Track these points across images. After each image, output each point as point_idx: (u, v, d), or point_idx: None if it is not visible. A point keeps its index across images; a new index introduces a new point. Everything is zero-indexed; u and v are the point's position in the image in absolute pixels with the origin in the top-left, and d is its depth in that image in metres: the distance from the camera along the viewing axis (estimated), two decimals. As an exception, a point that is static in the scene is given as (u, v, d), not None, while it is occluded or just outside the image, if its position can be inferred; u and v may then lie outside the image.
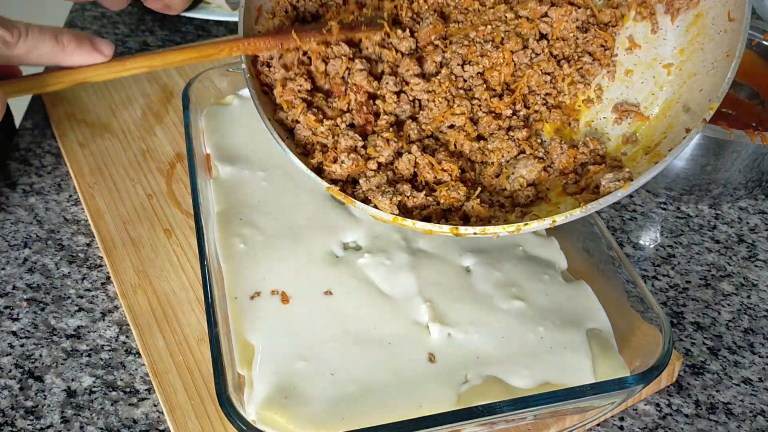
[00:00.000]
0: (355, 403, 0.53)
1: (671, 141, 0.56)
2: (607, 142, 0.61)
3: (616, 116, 0.61)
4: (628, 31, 0.61)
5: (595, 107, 0.62)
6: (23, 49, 0.45)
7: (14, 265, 0.72)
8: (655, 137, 0.58)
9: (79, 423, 0.60)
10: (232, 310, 0.59)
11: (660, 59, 0.60)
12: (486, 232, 0.52)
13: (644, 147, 0.59)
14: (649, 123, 0.60)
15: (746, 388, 0.65)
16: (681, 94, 0.58)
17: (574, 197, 0.56)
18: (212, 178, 0.71)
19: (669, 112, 0.59)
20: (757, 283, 0.75)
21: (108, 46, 0.49)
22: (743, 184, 0.82)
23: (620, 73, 0.62)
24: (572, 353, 0.57)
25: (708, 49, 0.57)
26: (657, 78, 0.60)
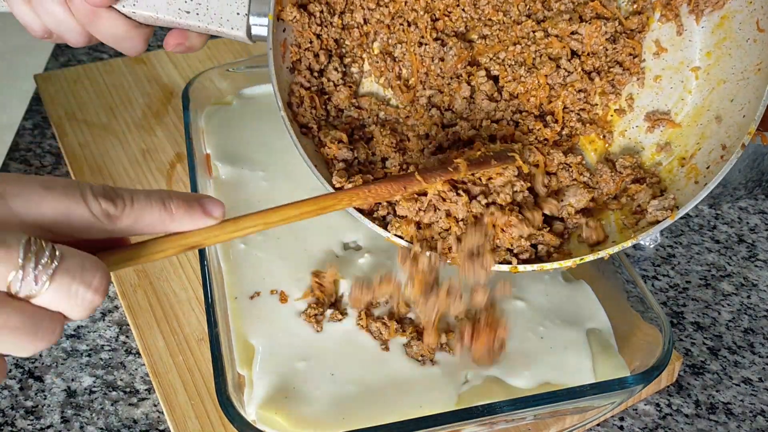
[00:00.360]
0: (355, 403, 0.53)
1: (706, 155, 0.56)
2: (642, 151, 0.61)
3: (649, 125, 0.61)
4: (654, 34, 0.61)
5: (627, 116, 0.62)
6: (129, 221, 0.41)
7: (14, 265, 0.72)
8: (688, 147, 0.58)
9: (79, 423, 0.60)
10: (232, 310, 0.59)
11: (687, 62, 0.60)
12: (543, 268, 0.54)
13: (679, 157, 0.59)
14: (681, 130, 0.59)
15: (746, 388, 0.65)
16: (711, 101, 0.58)
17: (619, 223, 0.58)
18: (212, 178, 0.71)
19: (700, 119, 0.58)
20: (757, 283, 0.75)
21: (218, 207, 0.45)
22: (743, 184, 0.81)
23: (649, 79, 0.61)
24: (572, 353, 0.57)
25: (736, 56, 0.56)
26: (685, 82, 0.60)
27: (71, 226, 0.39)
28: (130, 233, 0.42)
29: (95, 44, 0.58)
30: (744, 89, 0.55)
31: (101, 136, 0.86)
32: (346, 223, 0.67)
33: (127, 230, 0.42)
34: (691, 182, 0.56)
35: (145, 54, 0.99)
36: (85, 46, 0.84)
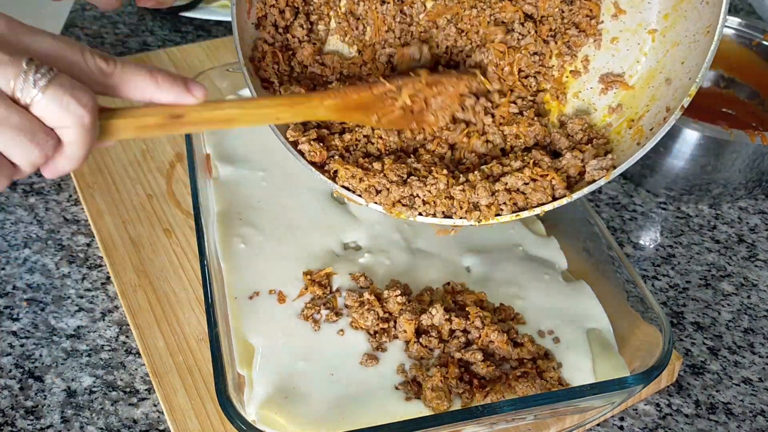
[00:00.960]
0: (355, 402, 0.53)
1: (653, 117, 0.57)
2: (594, 112, 0.62)
3: (603, 86, 0.61)
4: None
5: (582, 78, 0.62)
6: (118, 80, 0.47)
7: (14, 265, 0.72)
8: (638, 109, 0.59)
9: (79, 423, 0.60)
10: (232, 309, 0.59)
11: (645, 24, 0.60)
12: (482, 223, 0.56)
13: (628, 119, 0.59)
14: (633, 92, 0.60)
15: (746, 388, 0.65)
16: (664, 64, 0.58)
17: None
18: (212, 178, 0.71)
19: (652, 82, 0.59)
20: (757, 283, 0.75)
21: (200, 89, 0.49)
22: (743, 184, 0.81)
23: (606, 41, 0.62)
24: (572, 353, 0.57)
25: (691, 18, 0.57)
26: (642, 45, 0.60)
27: (70, 72, 0.44)
28: (119, 93, 0.47)
29: (95, 44, 0.59)
30: (694, 51, 0.55)
31: (101, 136, 0.86)
32: (346, 223, 0.67)
33: (116, 89, 0.47)
34: (634, 144, 0.57)
35: (145, 54, 0.99)
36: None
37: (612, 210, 0.83)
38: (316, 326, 0.58)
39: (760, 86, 0.92)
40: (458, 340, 0.56)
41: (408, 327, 0.56)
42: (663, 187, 0.84)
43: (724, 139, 0.76)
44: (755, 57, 0.91)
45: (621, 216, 0.82)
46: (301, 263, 0.63)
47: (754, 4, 1.19)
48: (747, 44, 0.92)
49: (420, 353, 0.56)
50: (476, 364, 0.54)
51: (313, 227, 0.66)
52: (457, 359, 0.55)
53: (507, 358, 0.56)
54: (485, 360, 0.54)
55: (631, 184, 0.87)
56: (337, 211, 0.68)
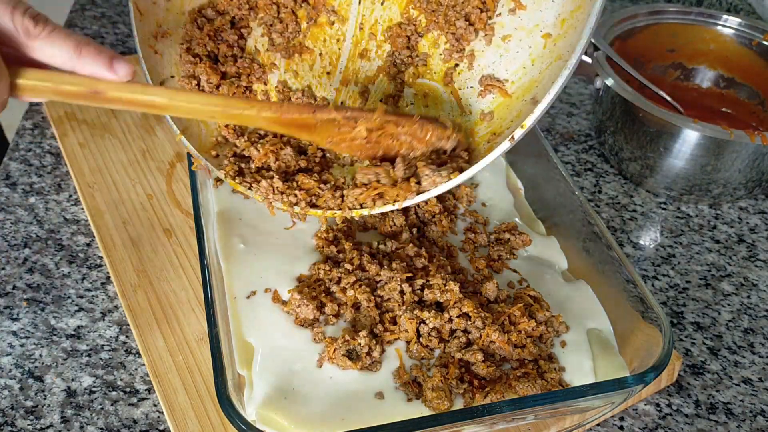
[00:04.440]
0: (355, 403, 0.53)
1: (506, 135, 0.54)
2: (468, 115, 0.60)
3: (481, 89, 0.59)
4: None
5: (465, 74, 0.60)
6: (42, 43, 0.47)
7: (14, 265, 0.72)
8: (505, 123, 0.57)
9: (79, 423, 0.60)
10: (231, 310, 0.59)
11: (542, 26, 0.57)
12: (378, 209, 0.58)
13: (493, 131, 0.57)
14: (509, 102, 0.57)
15: (746, 388, 0.65)
16: (542, 78, 0.55)
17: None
18: (212, 178, 0.71)
19: (526, 95, 0.56)
20: (757, 283, 0.75)
21: (125, 67, 0.49)
22: (743, 184, 0.81)
23: (497, 38, 0.59)
24: (573, 353, 0.57)
25: (577, 33, 0.52)
26: (533, 49, 0.57)
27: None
28: (38, 57, 0.48)
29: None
30: (563, 73, 0.51)
31: (101, 136, 0.86)
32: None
33: (36, 51, 0.47)
34: (474, 162, 0.55)
35: (145, 54, 0.99)
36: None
37: (612, 210, 0.83)
38: (311, 331, 0.58)
39: (760, 86, 0.92)
40: (459, 340, 0.56)
41: (409, 326, 0.56)
42: (663, 187, 0.84)
43: (724, 139, 0.76)
44: (755, 57, 0.91)
45: (621, 216, 0.82)
46: (298, 263, 0.63)
47: (754, 4, 1.19)
48: (747, 44, 0.92)
49: (421, 353, 0.56)
50: (477, 364, 0.54)
51: (311, 228, 0.66)
52: (457, 359, 0.55)
53: (507, 359, 0.56)
54: (485, 360, 0.54)
55: (631, 184, 0.87)
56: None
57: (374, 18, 0.65)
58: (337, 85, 0.67)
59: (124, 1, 1.18)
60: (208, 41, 0.66)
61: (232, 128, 0.65)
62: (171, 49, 0.66)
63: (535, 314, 0.58)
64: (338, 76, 0.67)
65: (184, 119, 0.64)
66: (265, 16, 0.67)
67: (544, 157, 0.71)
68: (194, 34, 0.66)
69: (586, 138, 0.94)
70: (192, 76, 0.65)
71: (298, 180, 0.62)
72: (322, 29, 0.67)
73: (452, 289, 0.57)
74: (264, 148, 0.63)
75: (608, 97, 0.85)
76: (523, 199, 0.74)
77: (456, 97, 0.62)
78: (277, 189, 0.61)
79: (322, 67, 0.67)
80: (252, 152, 0.64)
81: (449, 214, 0.68)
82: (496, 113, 0.58)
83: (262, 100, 0.54)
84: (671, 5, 0.94)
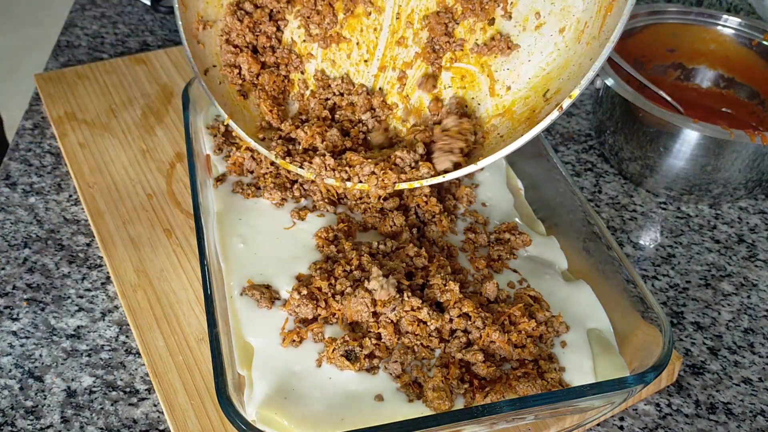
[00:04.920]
0: (355, 403, 0.53)
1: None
2: (505, 95, 0.65)
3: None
4: None
5: (500, 57, 0.66)
6: None
7: (14, 265, 0.72)
8: (540, 101, 0.62)
9: (79, 423, 0.60)
10: (231, 309, 0.59)
11: (573, 11, 0.62)
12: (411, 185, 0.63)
13: (532, 108, 0.63)
14: (546, 81, 0.63)
15: (746, 388, 0.65)
16: (578, 57, 0.60)
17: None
18: (212, 178, 0.71)
19: (562, 74, 0.62)
20: (757, 283, 0.75)
21: None
22: (743, 184, 0.81)
23: (531, 24, 0.64)
24: (573, 353, 0.57)
25: (610, 18, 0.58)
26: (566, 33, 0.62)
27: None
28: None
29: (95, 44, 0.59)
30: (574, 79, 0.58)
31: (101, 136, 0.86)
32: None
33: None
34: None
35: (145, 54, 0.99)
36: (86, 46, 0.84)
37: (612, 210, 0.83)
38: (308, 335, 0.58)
39: (760, 86, 0.92)
40: (459, 340, 0.56)
41: (411, 327, 0.56)
42: (663, 187, 0.84)
43: (724, 139, 0.76)
44: (755, 57, 0.91)
45: (621, 216, 0.82)
46: (298, 263, 0.63)
47: (754, 4, 1.19)
48: (747, 44, 0.92)
49: (422, 353, 0.56)
50: (477, 364, 0.54)
51: (311, 228, 0.66)
52: (458, 360, 0.55)
53: (508, 359, 0.56)
54: (486, 360, 0.54)
55: (631, 184, 0.87)
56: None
57: (410, 7, 0.67)
58: (375, 72, 0.70)
59: (124, 1, 1.18)
60: (247, 32, 0.69)
61: (276, 114, 0.69)
62: (212, 39, 0.69)
63: (535, 314, 0.58)
64: (376, 63, 0.70)
65: (229, 105, 0.68)
66: (302, 8, 0.69)
67: (544, 157, 0.71)
68: (234, 26, 0.69)
69: (586, 138, 0.94)
70: (233, 65, 0.69)
71: (346, 157, 0.65)
72: (358, 20, 0.69)
73: (452, 289, 0.57)
74: (311, 130, 0.66)
75: (608, 97, 0.85)
76: (523, 199, 0.74)
77: (492, 79, 0.66)
78: (329, 166, 0.64)
79: (360, 56, 0.70)
80: (299, 134, 0.67)
81: (449, 214, 0.69)
82: (533, 93, 0.63)
83: None
84: (671, 5, 0.94)
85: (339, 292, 0.59)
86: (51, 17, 0.95)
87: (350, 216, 0.67)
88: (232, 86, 0.70)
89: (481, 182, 0.74)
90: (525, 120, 0.62)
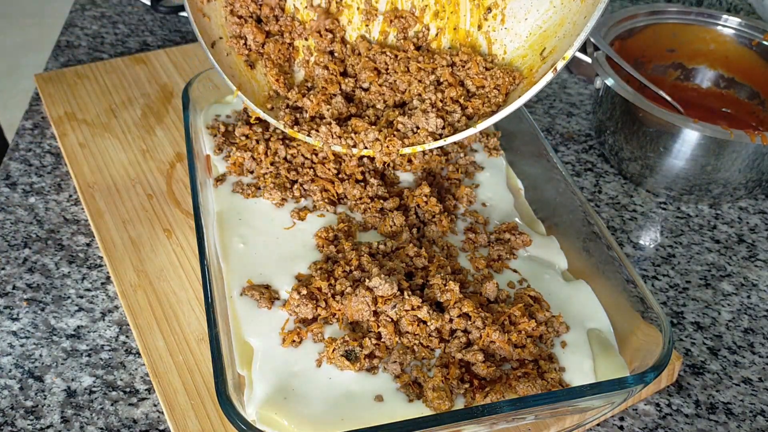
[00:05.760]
0: (354, 403, 0.53)
1: (543, 71, 0.63)
2: (504, 55, 0.69)
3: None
4: None
5: (498, 19, 0.69)
6: None
7: (14, 265, 0.72)
8: (537, 57, 0.65)
9: (79, 423, 0.60)
10: (231, 310, 0.59)
11: None
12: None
13: (530, 66, 0.66)
14: (542, 40, 0.65)
15: (746, 388, 0.65)
16: (573, 14, 0.63)
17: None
18: (212, 178, 0.71)
19: (559, 31, 0.64)
20: (757, 283, 0.75)
21: None
22: (743, 184, 0.81)
23: None
24: (573, 353, 0.57)
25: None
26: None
27: None
28: None
29: (95, 44, 0.59)
30: (569, 36, 0.61)
31: (101, 136, 0.86)
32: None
33: None
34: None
35: (144, 54, 0.99)
36: (86, 46, 0.83)
37: (612, 210, 0.83)
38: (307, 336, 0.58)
39: (760, 86, 0.92)
40: (459, 340, 0.56)
41: (411, 327, 0.56)
42: (663, 187, 0.84)
43: (724, 139, 0.76)
44: (755, 57, 0.91)
45: (621, 216, 0.82)
46: (298, 263, 0.63)
47: (754, 4, 1.19)
48: (747, 44, 0.92)
49: (421, 353, 0.56)
50: (477, 364, 0.54)
51: (311, 228, 0.66)
52: (458, 360, 0.55)
53: (508, 359, 0.56)
54: (486, 360, 0.54)
55: (631, 184, 0.87)
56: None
57: None
58: (377, 36, 0.73)
59: (124, 1, 1.18)
60: (250, 3, 0.72)
61: (282, 82, 0.71)
62: (217, 12, 0.71)
63: (535, 314, 0.58)
64: (377, 27, 0.73)
65: (238, 76, 0.70)
66: None
67: (544, 157, 0.71)
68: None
69: (586, 138, 0.94)
70: (239, 36, 0.71)
71: (351, 124, 0.67)
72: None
73: (452, 289, 0.57)
74: (316, 98, 0.68)
75: (608, 97, 0.85)
76: (523, 199, 0.74)
77: (488, 40, 0.69)
78: (335, 134, 0.67)
79: (361, 21, 0.73)
80: (305, 103, 0.69)
81: (449, 214, 0.69)
82: (529, 53, 0.66)
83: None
84: (671, 5, 0.94)
85: (339, 292, 0.59)
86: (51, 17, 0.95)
87: (350, 216, 0.67)
88: (239, 57, 0.71)
89: (482, 182, 0.74)
90: (523, 79, 0.66)
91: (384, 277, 0.57)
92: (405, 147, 0.66)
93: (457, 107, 0.67)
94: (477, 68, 0.68)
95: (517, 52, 0.67)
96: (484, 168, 0.75)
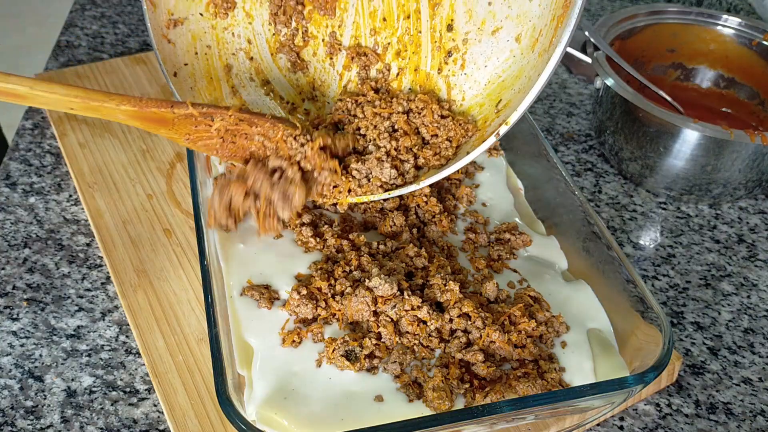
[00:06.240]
0: (354, 403, 0.53)
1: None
2: (463, 101, 0.67)
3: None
4: None
5: (458, 64, 0.67)
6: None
7: (14, 265, 0.72)
8: (492, 111, 0.63)
9: (79, 423, 0.60)
10: (231, 310, 0.59)
11: (530, 17, 0.62)
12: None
13: (484, 118, 0.64)
14: (500, 89, 0.64)
15: (746, 388, 0.65)
16: (530, 67, 0.60)
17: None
18: (212, 178, 0.71)
19: (515, 84, 0.62)
20: (757, 283, 0.75)
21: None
22: (743, 184, 0.82)
23: (488, 29, 0.65)
24: (573, 353, 0.57)
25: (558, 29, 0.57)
26: (520, 41, 0.63)
27: None
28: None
29: (95, 44, 0.59)
30: (520, 94, 0.59)
31: (101, 136, 0.86)
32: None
33: None
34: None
35: (144, 54, 0.99)
36: (86, 46, 0.83)
37: (612, 210, 0.83)
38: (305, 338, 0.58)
39: (760, 86, 0.92)
40: (459, 340, 0.56)
41: (411, 327, 0.56)
42: (663, 187, 0.84)
43: (724, 139, 0.76)
44: (755, 57, 0.91)
45: (621, 216, 0.82)
46: (297, 263, 0.63)
47: (754, 4, 1.19)
48: (747, 44, 0.92)
49: (421, 353, 0.56)
50: (477, 364, 0.54)
51: (313, 227, 0.66)
52: (458, 360, 0.55)
53: (508, 359, 0.56)
54: (486, 360, 0.55)
55: (631, 184, 0.87)
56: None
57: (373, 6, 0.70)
58: (340, 69, 0.73)
59: (124, 1, 1.18)
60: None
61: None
62: (183, 37, 0.68)
63: (535, 314, 0.58)
64: (341, 61, 0.73)
65: (176, 63, 0.67)
66: (271, 5, 0.72)
67: (544, 157, 0.71)
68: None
69: (586, 138, 0.94)
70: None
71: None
72: (323, 19, 0.72)
73: (452, 289, 0.57)
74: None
75: (608, 97, 0.85)
76: (524, 199, 0.74)
77: (448, 85, 0.68)
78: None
79: (326, 53, 0.74)
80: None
81: (449, 214, 0.69)
82: (486, 102, 0.64)
83: (122, 94, 0.56)
84: (671, 5, 0.94)
85: (339, 292, 0.59)
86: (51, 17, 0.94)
87: (350, 216, 0.67)
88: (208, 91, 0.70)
89: (482, 182, 0.74)
90: (476, 131, 0.64)
91: (384, 277, 0.57)
92: (353, 197, 0.63)
93: (411, 156, 0.64)
94: (431, 116, 0.66)
95: (475, 99, 0.66)
96: (484, 168, 0.75)
